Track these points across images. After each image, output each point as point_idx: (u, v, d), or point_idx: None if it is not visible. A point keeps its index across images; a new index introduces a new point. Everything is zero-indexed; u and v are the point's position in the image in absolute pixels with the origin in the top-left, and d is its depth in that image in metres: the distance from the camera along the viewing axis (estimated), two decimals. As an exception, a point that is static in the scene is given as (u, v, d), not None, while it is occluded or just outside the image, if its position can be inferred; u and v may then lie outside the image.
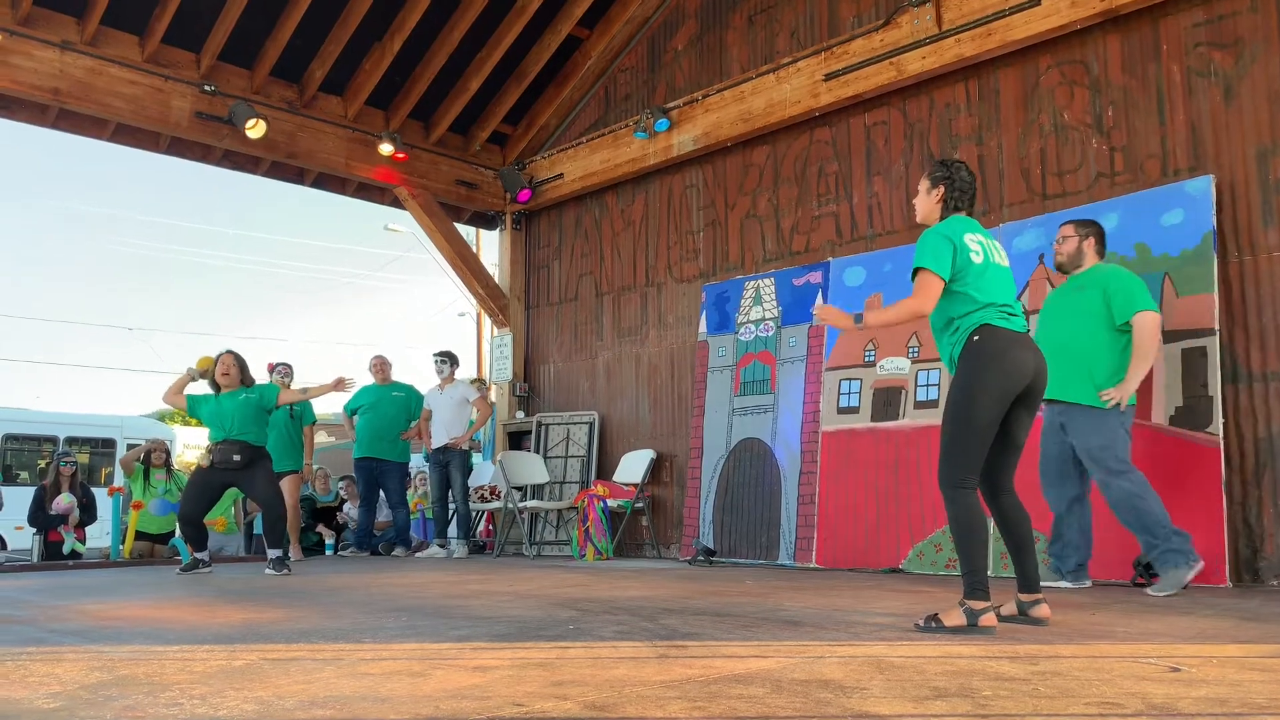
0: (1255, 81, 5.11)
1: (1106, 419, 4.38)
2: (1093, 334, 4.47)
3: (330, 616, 3.66)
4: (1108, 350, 4.46)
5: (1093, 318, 4.49)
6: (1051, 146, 5.88)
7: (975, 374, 3.13)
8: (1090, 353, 4.46)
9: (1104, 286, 4.50)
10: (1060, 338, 4.54)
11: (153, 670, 2.48)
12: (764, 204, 7.40)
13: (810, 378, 6.64)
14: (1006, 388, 3.13)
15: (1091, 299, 4.51)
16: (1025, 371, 3.15)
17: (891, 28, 6.46)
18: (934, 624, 3.05)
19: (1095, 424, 4.38)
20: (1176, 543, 4.20)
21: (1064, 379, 4.44)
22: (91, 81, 7.03)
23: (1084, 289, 4.57)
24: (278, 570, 5.94)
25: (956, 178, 3.36)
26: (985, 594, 3.03)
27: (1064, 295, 4.69)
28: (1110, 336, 4.46)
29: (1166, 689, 2.07)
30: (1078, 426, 4.45)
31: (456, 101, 8.59)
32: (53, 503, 8.30)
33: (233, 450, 6.09)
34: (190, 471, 6.30)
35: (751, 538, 6.73)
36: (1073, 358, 4.47)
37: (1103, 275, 4.58)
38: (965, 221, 3.34)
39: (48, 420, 15.99)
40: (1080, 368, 4.45)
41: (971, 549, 3.08)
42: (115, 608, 4.11)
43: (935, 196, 3.38)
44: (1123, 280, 4.51)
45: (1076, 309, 4.55)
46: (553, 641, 2.89)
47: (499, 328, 9.43)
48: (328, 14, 7.61)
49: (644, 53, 8.48)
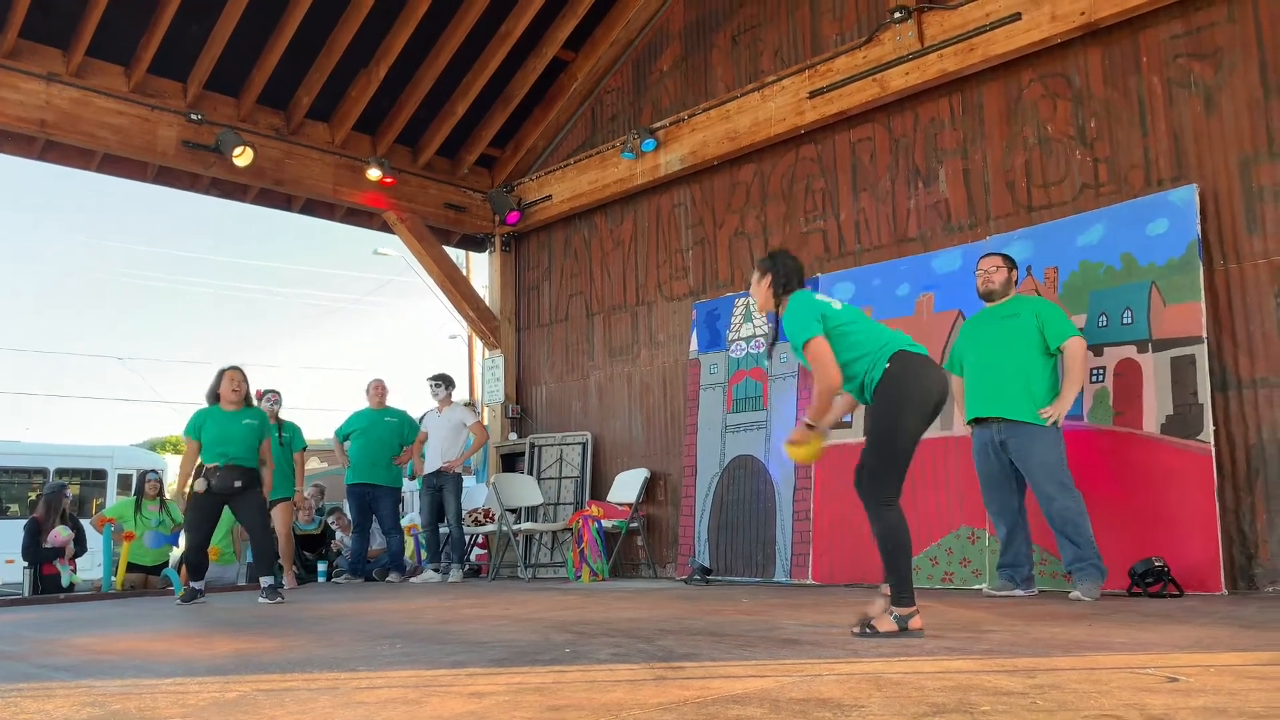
0: (1235, 90, 5.16)
1: (1048, 435, 4.70)
2: (1027, 357, 4.80)
3: (325, 645, 3.63)
4: (1041, 371, 4.80)
5: (1026, 341, 4.81)
6: (1036, 159, 5.92)
7: (898, 398, 3.35)
8: (1027, 374, 4.78)
9: (1035, 313, 4.86)
10: (993, 360, 4.88)
11: (145, 704, 2.45)
12: (752, 221, 7.43)
13: (802, 394, 6.64)
14: (925, 408, 3.38)
15: (1025, 325, 4.84)
16: (939, 389, 3.41)
17: (874, 44, 6.51)
18: (869, 630, 3.28)
19: (1041, 441, 4.69)
20: (1095, 560, 4.57)
21: (1003, 399, 4.81)
22: (78, 112, 7.04)
23: (1016, 316, 4.89)
24: (270, 599, 5.88)
25: (780, 266, 3.62)
26: (911, 600, 3.28)
27: (990, 322, 5.00)
28: (1043, 360, 4.81)
29: (1165, 699, 2.07)
30: (1023, 443, 4.73)
31: (443, 125, 8.62)
32: (48, 536, 8.23)
33: (234, 476, 5.96)
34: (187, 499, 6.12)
35: (747, 555, 6.71)
36: (1009, 379, 4.79)
37: (1031, 304, 4.95)
38: (801, 294, 3.57)
39: (38, 452, 15.92)
40: (1018, 388, 4.77)
41: (897, 560, 3.31)
42: (108, 641, 4.08)
43: (765, 284, 3.64)
44: (1051, 310, 4.90)
45: (1009, 334, 4.87)
46: (549, 665, 2.88)
47: (490, 349, 9.43)
48: (313, 41, 7.63)
49: (629, 74, 8.53)
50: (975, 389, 4.95)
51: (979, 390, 4.92)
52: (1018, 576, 4.85)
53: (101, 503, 14.90)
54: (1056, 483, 4.63)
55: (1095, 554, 4.57)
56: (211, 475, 5.98)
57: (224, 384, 6.12)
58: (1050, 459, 4.66)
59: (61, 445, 16.67)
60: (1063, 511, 4.60)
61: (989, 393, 4.86)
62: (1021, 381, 4.76)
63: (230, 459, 5.97)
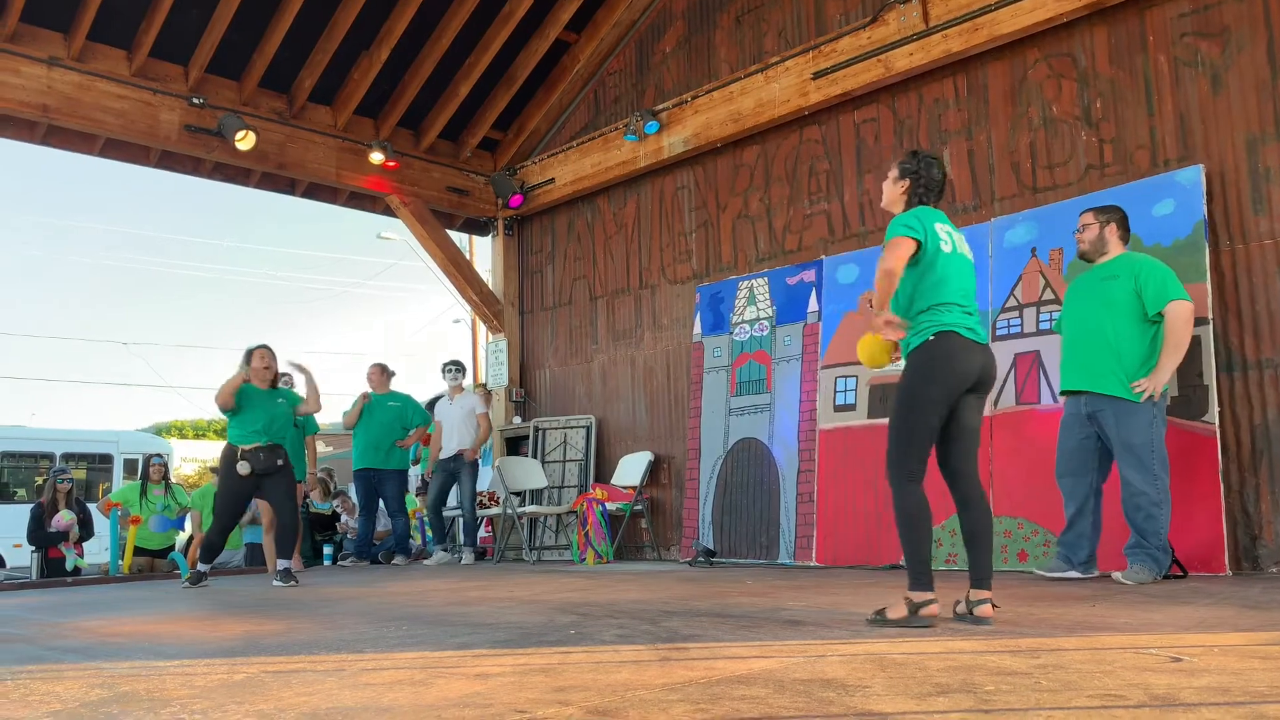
0: (1242, 70, 5.13)
1: (1142, 412, 4.35)
2: (1121, 324, 4.43)
3: (331, 627, 3.65)
4: (1137, 341, 4.42)
5: (1122, 307, 4.44)
6: (1041, 140, 5.89)
7: (925, 374, 3.21)
8: (1119, 343, 4.42)
9: (1135, 275, 4.45)
10: (1088, 326, 4.52)
11: (153, 686, 2.47)
12: (756, 204, 7.40)
13: (806, 376, 6.64)
14: (952, 388, 3.21)
15: (1122, 288, 4.45)
16: (971, 372, 3.23)
17: (879, 25, 6.46)
18: (879, 618, 3.14)
19: (1131, 420, 4.35)
20: (1159, 555, 4.32)
21: (1093, 370, 4.46)
22: (79, 97, 7.02)
23: (1115, 278, 4.50)
24: (285, 582, 5.85)
25: (925, 174, 3.39)
26: (928, 585, 3.11)
27: (1091, 284, 4.62)
28: (1140, 327, 4.43)
29: (1169, 679, 2.08)
30: (1112, 420, 4.41)
31: (446, 108, 8.59)
32: (52, 520, 8.28)
33: (276, 455, 5.94)
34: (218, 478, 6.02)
35: (751, 538, 6.73)
36: (1100, 348, 4.45)
37: (1133, 264, 4.52)
38: (932, 212, 3.36)
39: (44, 437, 15.98)
40: (1109, 358, 4.43)
41: (915, 541, 3.16)
42: (115, 623, 4.10)
43: (901, 188, 3.42)
44: (1155, 270, 4.47)
45: (1105, 298, 4.49)
46: (554, 647, 2.89)
47: (493, 333, 9.43)
48: (315, 24, 7.60)
49: (632, 55, 8.48)
50: (1068, 358, 4.62)
51: (1071, 360, 4.59)
52: (1075, 558, 4.56)
53: (108, 487, 14.95)
54: (1140, 466, 4.31)
55: (1159, 545, 4.29)
56: (253, 458, 5.91)
57: (255, 361, 6.06)
58: (1137, 440, 4.32)
59: (67, 430, 16.72)
60: (1136, 498, 4.31)
61: (1079, 363, 4.52)
62: (1111, 350, 4.40)
63: (271, 436, 5.95)
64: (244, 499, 6.11)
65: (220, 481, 6.07)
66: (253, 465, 5.90)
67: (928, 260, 3.26)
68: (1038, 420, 5.38)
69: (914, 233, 3.23)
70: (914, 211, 3.34)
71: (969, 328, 3.25)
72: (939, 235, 3.28)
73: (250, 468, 5.90)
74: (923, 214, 3.32)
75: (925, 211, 3.34)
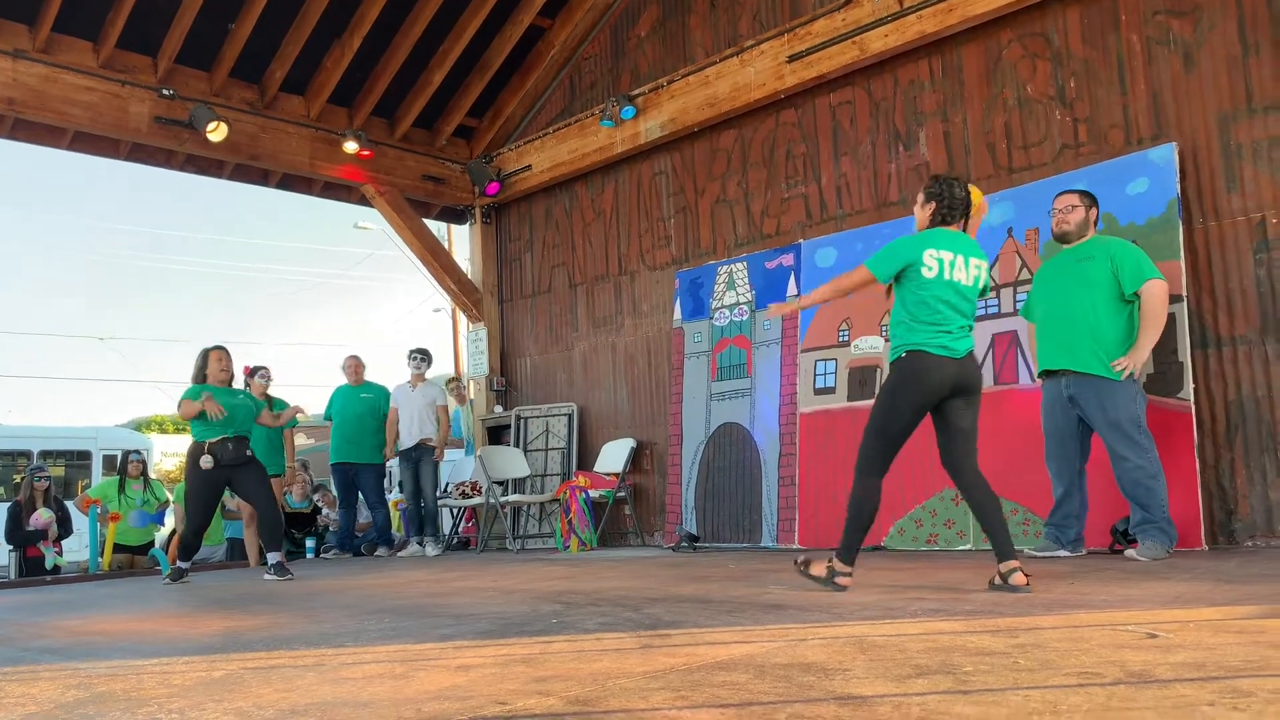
0: (1214, 48, 5.15)
1: (1123, 390, 4.41)
2: (1100, 304, 4.49)
3: (312, 621, 3.63)
4: (1114, 319, 4.49)
5: (1099, 288, 4.50)
6: (1016, 120, 5.90)
7: (897, 387, 3.61)
8: (1098, 323, 4.48)
9: (1111, 257, 4.51)
10: (1064, 307, 4.58)
11: (131, 685, 2.45)
12: (733, 188, 7.39)
13: (786, 360, 6.65)
14: (919, 401, 3.58)
15: (1099, 269, 4.52)
16: (943, 384, 3.57)
17: (853, 7, 6.45)
18: (803, 569, 3.74)
19: (1113, 396, 4.40)
20: (1166, 527, 4.33)
21: (1072, 349, 4.51)
22: (46, 90, 6.92)
23: (1091, 259, 4.56)
24: (280, 575, 5.72)
25: (948, 195, 3.70)
26: (850, 562, 3.62)
27: (1066, 265, 4.67)
28: (1116, 306, 4.49)
29: (1144, 655, 2.09)
30: (1093, 399, 4.46)
31: (420, 96, 8.52)
32: (30, 518, 8.20)
33: (243, 445, 5.87)
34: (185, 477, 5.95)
35: (734, 522, 6.74)
36: (1078, 328, 4.51)
37: (1108, 246, 4.58)
38: (942, 234, 3.64)
39: (21, 434, 15.79)
40: (1087, 338, 4.48)
41: (855, 525, 3.61)
42: (94, 622, 4.07)
43: (928, 211, 3.74)
44: (1129, 251, 4.54)
45: (1083, 279, 4.54)
46: (536, 636, 2.88)
47: (473, 322, 9.39)
48: (286, 12, 7.51)
49: (607, 40, 8.43)
50: (1044, 339, 4.68)
51: (1048, 340, 4.65)
52: (1064, 537, 4.62)
53: (87, 484, 14.83)
54: (1129, 441, 4.36)
55: (1164, 517, 4.32)
56: (220, 449, 5.81)
57: (211, 364, 5.99)
58: (1121, 416, 4.37)
59: (45, 427, 16.54)
60: (1133, 473, 4.34)
61: (1057, 343, 4.59)
62: (1089, 330, 4.47)
63: (236, 428, 5.87)
64: (214, 494, 5.99)
65: (188, 480, 5.99)
66: (220, 457, 5.79)
67: (913, 284, 3.61)
68: (1017, 400, 5.41)
69: (878, 271, 3.67)
70: (918, 236, 3.66)
71: (941, 345, 3.56)
72: (923, 262, 3.58)
73: (215, 460, 5.78)
74: (926, 239, 3.63)
75: (934, 235, 3.64)
